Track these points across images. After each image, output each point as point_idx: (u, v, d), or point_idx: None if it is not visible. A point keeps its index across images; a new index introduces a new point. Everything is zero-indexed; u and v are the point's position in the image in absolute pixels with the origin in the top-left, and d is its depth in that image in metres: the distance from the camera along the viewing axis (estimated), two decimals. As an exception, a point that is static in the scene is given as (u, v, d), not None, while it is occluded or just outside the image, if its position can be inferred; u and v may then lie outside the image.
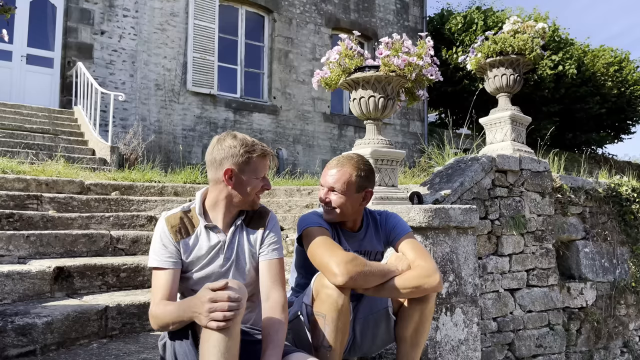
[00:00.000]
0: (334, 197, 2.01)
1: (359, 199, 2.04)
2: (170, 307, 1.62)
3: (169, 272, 1.72)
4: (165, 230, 1.76)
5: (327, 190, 2.03)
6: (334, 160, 2.09)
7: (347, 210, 2.03)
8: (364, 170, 2.05)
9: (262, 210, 1.91)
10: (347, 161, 2.05)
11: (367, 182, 2.06)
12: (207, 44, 9.73)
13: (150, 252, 1.77)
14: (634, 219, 4.87)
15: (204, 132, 9.53)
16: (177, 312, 1.59)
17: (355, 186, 2.01)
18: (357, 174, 2.02)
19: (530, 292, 4.02)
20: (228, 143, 1.76)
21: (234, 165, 1.75)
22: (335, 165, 2.04)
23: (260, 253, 1.84)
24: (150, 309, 1.68)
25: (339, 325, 1.80)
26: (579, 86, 13.85)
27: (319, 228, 1.96)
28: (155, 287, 1.72)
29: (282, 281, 1.82)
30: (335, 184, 2.00)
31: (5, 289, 2.36)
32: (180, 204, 4.48)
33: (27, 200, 3.73)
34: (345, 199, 2.00)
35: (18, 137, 6.47)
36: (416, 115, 12.58)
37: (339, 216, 2.04)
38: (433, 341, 2.77)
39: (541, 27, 4.13)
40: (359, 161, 2.07)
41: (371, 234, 2.15)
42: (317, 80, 3.37)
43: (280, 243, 1.89)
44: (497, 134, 4.29)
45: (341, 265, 1.78)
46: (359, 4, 11.90)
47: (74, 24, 8.47)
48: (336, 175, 2.01)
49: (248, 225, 1.87)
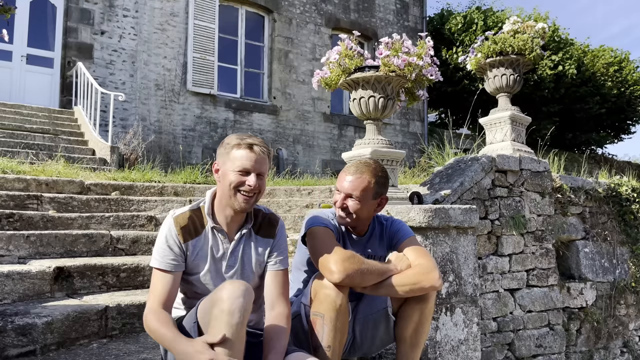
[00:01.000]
0: (351, 203, 2.01)
1: (375, 205, 2.06)
2: (163, 332, 1.56)
3: (169, 275, 1.68)
4: (172, 231, 1.72)
5: (345, 196, 2.03)
6: (352, 166, 2.07)
7: (362, 216, 2.04)
8: (381, 177, 2.06)
9: (272, 218, 1.88)
10: (365, 168, 2.04)
11: (383, 188, 2.07)
12: (207, 44, 9.73)
13: (153, 251, 1.74)
14: (633, 219, 4.87)
15: (204, 132, 9.53)
16: (169, 344, 1.55)
17: (372, 193, 2.02)
18: (375, 181, 2.02)
19: (530, 292, 4.02)
20: (225, 140, 1.76)
21: (219, 158, 1.74)
22: (354, 172, 2.03)
23: (268, 263, 1.83)
24: (145, 311, 1.64)
25: (337, 325, 1.80)
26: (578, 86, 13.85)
27: (324, 228, 1.97)
28: (154, 290, 1.68)
29: (286, 293, 1.83)
30: (354, 191, 2.00)
31: (5, 289, 2.36)
32: (180, 203, 4.48)
33: (27, 200, 3.73)
34: (362, 206, 2.01)
35: (18, 137, 6.47)
36: (416, 115, 12.58)
37: (354, 221, 2.05)
38: (433, 341, 2.77)
39: (541, 27, 4.13)
40: (376, 168, 2.07)
41: (375, 239, 2.16)
42: (317, 80, 3.37)
43: (286, 253, 1.88)
44: (497, 134, 4.29)
45: (338, 263, 1.79)
46: (359, 4, 11.89)
47: (74, 24, 8.47)
48: (355, 182, 2.01)
49: (257, 233, 1.83)
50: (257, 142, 1.72)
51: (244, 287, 1.52)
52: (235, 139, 1.72)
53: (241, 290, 1.50)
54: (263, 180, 1.73)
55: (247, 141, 1.70)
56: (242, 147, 1.70)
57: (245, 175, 1.69)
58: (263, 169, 1.72)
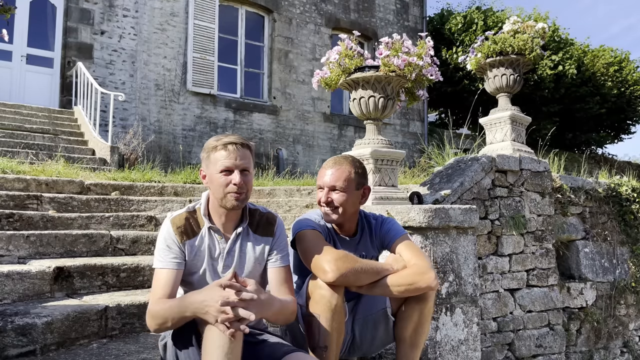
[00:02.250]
0: (335, 196, 2.02)
1: (359, 196, 2.07)
2: (171, 303, 1.58)
3: (171, 271, 1.70)
4: (170, 232, 1.74)
5: (328, 190, 2.03)
6: (329, 161, 2.10)
7: (348, 209, 2.04)
8: (360, 167, 2.10)
9: (269, 217, 1.88)
10: (343, 160, 2.08)
11: (364, 178, 2.10)
12: (207, 44, 9.73)
13: (155, 254, 1.76)
14: (634, 219, 4.87)
15: (204, 132, 9.53)
16: (178, 307, 1.55)
17: (355, 183, 2.04)
18: (355, 171, 2.05)
19: (530, 292, 4.02)
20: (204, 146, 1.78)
21: (203, 164, 1.77)
22: (332, 165, 2.06)
23: (268, 260, 1.83)
24: (148, 308, 1.65)
25: (333, 325, 1.80)
26: (578, 86, 13.85)
27: (312, 230, 1.97)
28: (156, 286, 1.69)
29: (291, 287, 1.83)
30: (337, 182, 2.01)
31: (5, 289, 2.36)
32: (180, 204, 4.48)
33: (27, 200, 3.73)
34: (347, 197, 2.01)
35: (18, 137, 6.46)
36: (416, 115, 12.58)
37: (341, 216, 2.04)
38: (433, 341, 2.77)
39: (541, 27, 4.13)
40: (353, 159, 2.11)
41: (366, 239, 2.15)
42: (317, 80, 3.37)
43: (287, 250, 1.89)
44: (497, 134, 4.29)
45: (332, 263, 1.78)
46: (359, 4, 11.89)
47: (74, 24, 8.47)
48: (336, 173, 2.03)
49: (256, 232, 1.84)
50: (234, 139, 1.72)
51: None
52: (212, 142, 1.74)
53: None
54: (248, 175, 1.73)
55: (223, 141, 1.71)
56: (219, 149, 1.71)
57: (229, 174, 1.69)
58: (245, 164, 1.72)
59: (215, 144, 1.72)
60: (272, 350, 1.69)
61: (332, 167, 2.05)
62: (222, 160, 1.69)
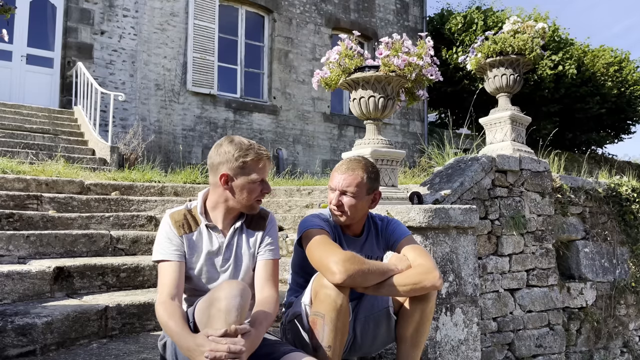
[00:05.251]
0: (346, 199, 2.03)
1: (369, 200, 2.08)
2: (170, 325, 1.59)
3: (175, 264, 1.74)
4: (170, 225, 1.79)
5: (339, 193, 2.04)
6: (342, 164, 2.10)
7: (357, 213, 2.05)
8: (373, 172, 2.09)
9: (262, 213, 1.93)
10: (356, 164, 2.07)
11: (376, 183, 2.10)
12: (207, 44, 9.73)
13: (154, 248, 1.79)
14: (634, 219, 4.87)
15: (204, 132, 9.53)
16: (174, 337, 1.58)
17: (366, 188, 2.04)
18: (367, 176, 2.05)
19: (530, 292, 4.02)
20: (224, 149, 1.78)
21: (229, 170, 1.77)
22: (346, 170, 2.06)
23: (258, 253, 1.87)
24: (156, 304, 1.68)
25: (338, 325, 1.80)
26: (579, 86, 13.84)
27: (319, 230, 1.97)
28: (162, 283, 1.72)
29: (275, 281, 1.85)
30: (348, 187, 2.02)
31: (5, 289, 2.36)
32: (180, 204, 4.48)
33: (27, 200, 3.73)
34: (356, 202, 2.03)
35: (18, 137, 6.47)
36: (416, 115, 12.58)
37: (349, 219, 2.06)
38: (433, 341, 2.77)
39: (541, 27, 4.13)
40: (367, 164, 2.10)
41: (372, 239, 2.16)
42: (317, 80, 3.37)
43: (276, 245, 1.92)
44: (497, 134, 4.28)
45: (339, 264, 1.78)
46: (359, 4, 11.89)
47: (74, 24, 8.47)
48: (348, 178, 2.03)
49: (249, 227, 1.89)
50: (268, 153, 1.85)
51: (241, 287, 1.55)
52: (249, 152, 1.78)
53: (238, 290, 1.53)
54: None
55: (263, 154, 1.81)
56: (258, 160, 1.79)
57: (261, 184, 1.82)
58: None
59: (255, 155, 1.78)
60: (271, 351, 1.69)
61: (344, 173, 2.05)
62: (259, 172, 1.80)
